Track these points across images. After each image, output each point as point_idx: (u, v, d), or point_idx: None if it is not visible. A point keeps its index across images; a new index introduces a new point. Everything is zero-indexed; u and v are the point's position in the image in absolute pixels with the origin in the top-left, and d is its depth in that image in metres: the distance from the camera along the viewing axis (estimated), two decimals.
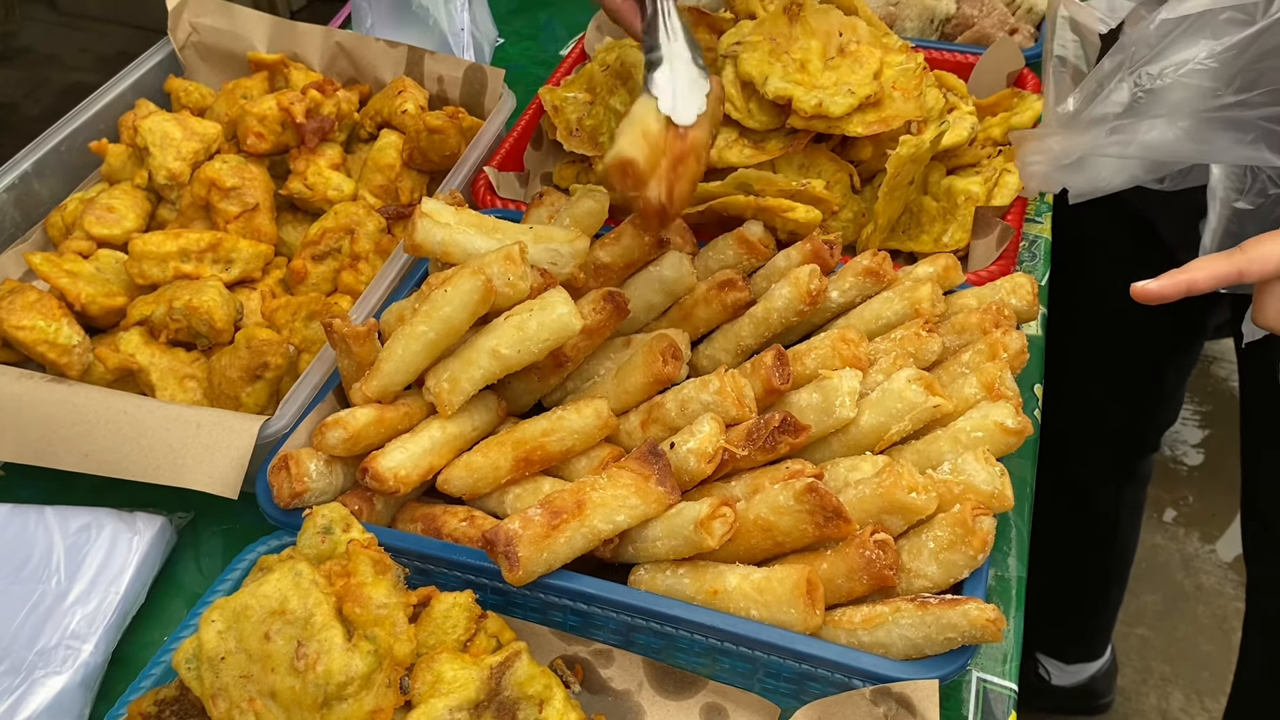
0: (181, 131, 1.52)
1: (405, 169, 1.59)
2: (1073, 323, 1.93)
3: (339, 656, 0.88)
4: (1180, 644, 2.75)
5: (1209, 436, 3.24)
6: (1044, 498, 2.22)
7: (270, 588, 0.91)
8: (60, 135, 1.61)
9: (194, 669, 0.92)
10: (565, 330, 1.10)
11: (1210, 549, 2.96)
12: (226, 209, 1.46)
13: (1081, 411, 2.05)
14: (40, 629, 1.08)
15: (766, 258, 1.32)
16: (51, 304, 1.31)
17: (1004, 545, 1.21)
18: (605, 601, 1.00)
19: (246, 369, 1.26)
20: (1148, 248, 1.64)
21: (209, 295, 1.31)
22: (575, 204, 1.31)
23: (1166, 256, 1.55)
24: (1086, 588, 2.31)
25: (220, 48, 1.79)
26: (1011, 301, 1.23)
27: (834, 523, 0.97)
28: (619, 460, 1.12)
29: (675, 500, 1.03)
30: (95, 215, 1.46)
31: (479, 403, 1.16)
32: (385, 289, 1.34)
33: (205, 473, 1.14)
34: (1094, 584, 2.30)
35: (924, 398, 1.08)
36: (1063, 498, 2.19)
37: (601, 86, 1.60)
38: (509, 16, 2.21)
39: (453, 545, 1.06)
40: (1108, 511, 2.16)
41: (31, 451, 1.19)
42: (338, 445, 1.09)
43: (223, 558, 1.24)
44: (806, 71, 1.46)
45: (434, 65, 1.71)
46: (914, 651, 0.94)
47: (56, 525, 1.16)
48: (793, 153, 1.46)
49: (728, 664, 1.02)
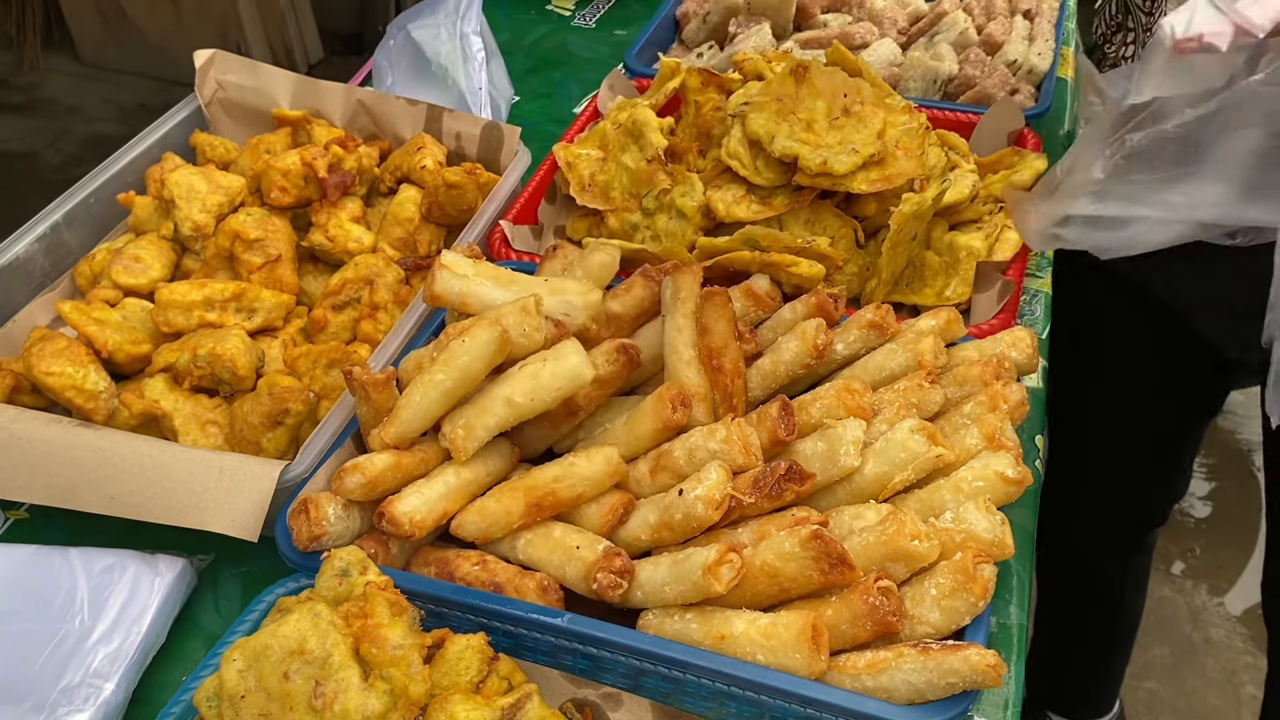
0: (207, 185, 1.57)
1: (424, 222, 1.64)
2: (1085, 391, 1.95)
3: (356, 696, 0.91)
4: (1189, 697, 2.74)
5: (1216, 489, 3.24)
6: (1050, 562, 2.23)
7: (289, 628, 0.94)
8: (89, 188, 1.66)
9: (215, 706, 0.94)
10: (577, 380, 1.14)
11: (1219, 602, 2.96)
12: (250, 260, 1.50)
13: (1090, 487, 2.06)
14: (64, 667, 1.10)
15: (773, 310, 1.36)
16: (79, 351, 1.35)
17: (1005, 593, 1.23)
18: (614, 645, 1.03)
19: (268, 415, 1.30)
20: (1164, 329, 1.67)
21: (232, 343, 1.35)
22: (588, 257, 1.35)
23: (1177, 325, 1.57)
24: (1093, 650, 2.31)
25: (245, 104, 1.85)
26: (1012, 354, 1.26)
27: (839, 569, 1.00)
28: (629, 508, 1.15)
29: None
30: (122, 265, 1.51)
31: (493, 449, 1.19)
32: (403, 338, 1.38)
33: (226, 516, 1.17)
34: (1100, 646, 2.30)
35: (926, 447, 1.11)
36: (1069, 563, 2.20)
37: (613, 144, 1.65)
38: (525, 75, 2.27)
39: (466, 589, 1.09)
40: (1114, 580, 2.16)
41: (58, 494, 1.22)
42: (356, 490, 1.12)
43: (241, 600, 1.27)
44: (812, 131, 1.50)
45: (452, 122, 1.76)
46: (916, 696, 0.96)
47: (81, 566, 1.19)
48: (798, 209, 1.50)
49: (734, 708, 1.04)
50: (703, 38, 2.13)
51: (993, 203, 1.60)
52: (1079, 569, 2.19)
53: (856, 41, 1.99)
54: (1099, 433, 1.97)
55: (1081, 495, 2.05)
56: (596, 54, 2.35)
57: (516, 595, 1.09)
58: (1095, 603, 2.23)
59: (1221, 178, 1.04)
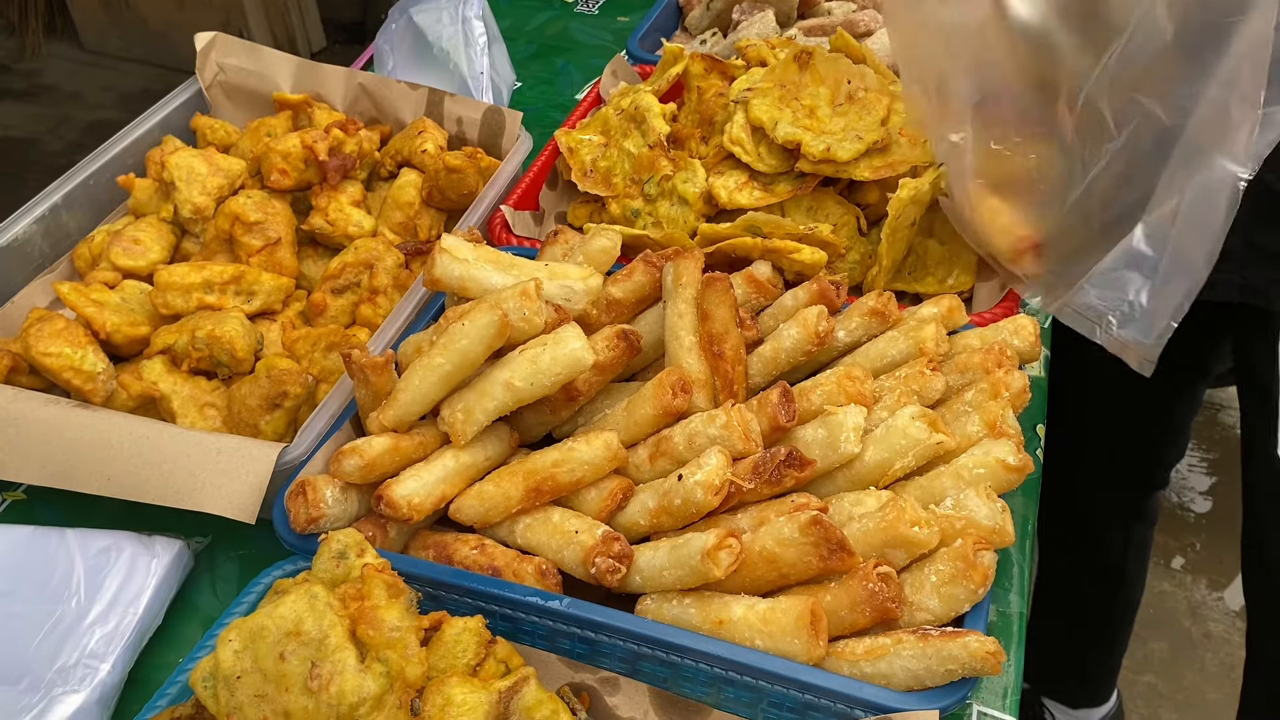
0: (207, 167, 1.57)
1: (424, 207, 1.63)
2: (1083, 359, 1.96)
3: (352, 678, 0.90)
4: (1187, 691, 2.74)
5: (1216, 484, 3.24)
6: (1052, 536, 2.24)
7: (286, 609, 0.94)
8: (89, 170, 1.65)
9: (210, 687, 0.94)
10: (577, 365, 1.13)
11: (1218, 596, 2.96)
12: (249, 243, 1.50)
13: (1090, 446, 2.08)
14: (60, 647, 1.10)
15: (774, 297, 1.35)
16: (78, 332, 1.35)
17: (1005, 581, 1.23)
18: (612, 630, 1.02)
19: (266, 398, 1.29)
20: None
21: (231, 326, 1.35)
22: (589, 242, 1.35)
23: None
24: (1092, 629, 2.31)
25: (246, 87, 1.84)
26: (1014, 342, 1.25)
27: (838, 555, 1.00)
28: (628, 493, 1.15)
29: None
30: (122, 247, 1.51)
31: (492, 433, 1.18)
32: (402, 322, 1.38)
33: (224, 498, 1.17)
34: (1100, 625, 2.29)
35: (927, 434, 1.10)
36: (1071, 534, 2.20)
37: (615, 129, 1.65)
38: (527, 61, 2.27)
39: (464, 572, 1.09)
40: (1116, 549, 2.17)
41: (55, 474, 1.22)
42: (354, 472, 1.12)
43: (238, 583, 1.26)
44: (815, 117, 1.50)
45: (454, 107, 1.76)
46: (915, 683, 0.96)
47: (77, 547, 1.19)
48: (801, 195, 1.49)
49: (732, 693, 1.04)
50: (706, 24, 2.12)
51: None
52: (1079, 537, 2.19)
53: (860, 29, 1.98)
54: (1096, 388, 1.99)
55: (1078, 453, 2.07)
56: (599, 40, 2.35)
57: (515, 579, 1.08)
58: (1096, 575, 2.23)
59: None
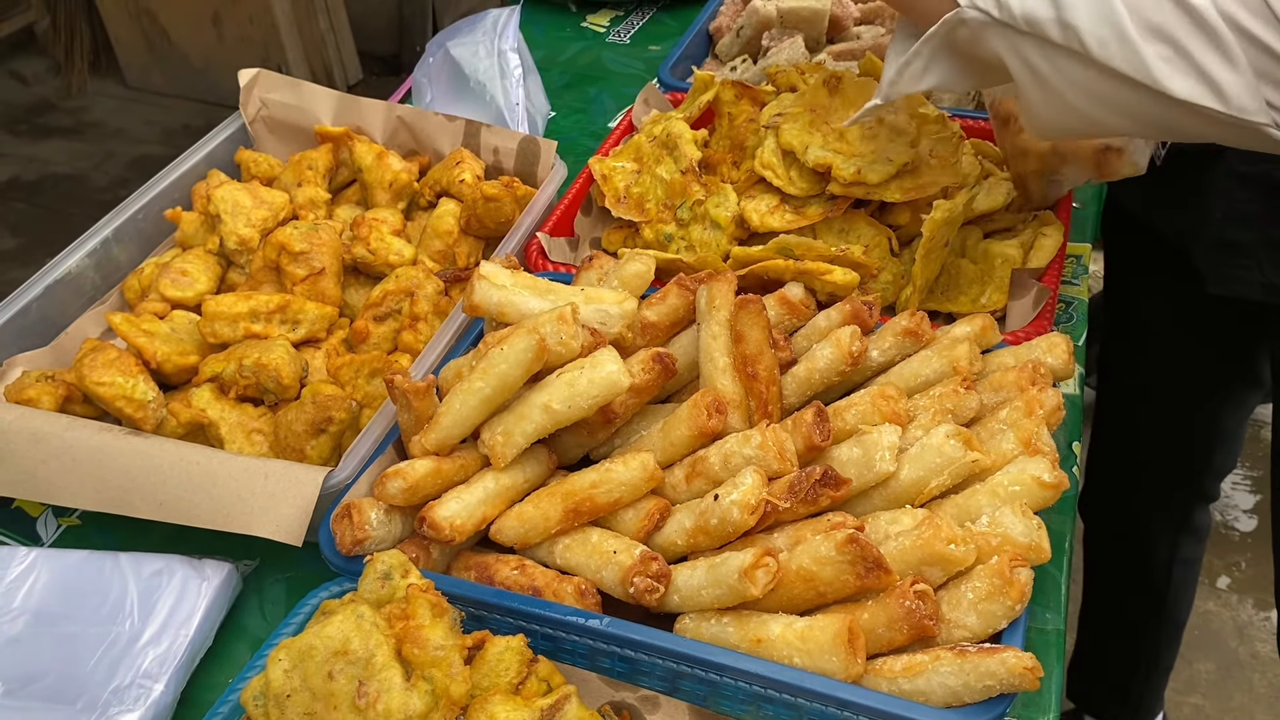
0: (251, 200, 1.61)
1: (462, 235, 1.67)
2: (1130, 365, 1.98)
3: (398, 695, 0.93)
4: (1235, 713, 2.69)
5: (1261, 502, 3.20)
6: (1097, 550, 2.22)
7: (334, 629, 0.96)
8: (138, 204, 1.70)
9: (261, 705, 0.96)
10: (614, 387, 1.15)
11: (1265, 616, 2.91)
12: (294, 271, 1.54)
13: (1139, 455, 2.06)
14: (115, 668, 1.13)
15: (807, 318, 1.36)
16: (129, 362, 1.39)
17: (1042, 598, 1.23)
18: (652, 648, 1.04)
19: (311, 423, 1.32)
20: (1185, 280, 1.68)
21: (277, 354, 1.38)
22: (623, 267, 1.37)
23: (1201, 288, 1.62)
24: (1139, 647, 2.28)
25: (288, 121, 1.89)
26: (1048, 360, 1.26)
27: (875, 573, 1.00)
28: (665, 513, 1.16)
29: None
30: (170, 278, 1.55)
31: (531, 456, 1.20)
32: (443, 348, 1.41)
33: (271, 521, 1.20)
34: (1146, 643, 2.26)
35: (962, 452, 1.11)
36: (1119, 547, 2.18)
37: (648, 156, 1.67)
38: (561, 91, 2.30)
39: (505, 592, 1.10)
40: (1164, 564, 2.14)
41: (109, 500, 1.25)
42: (397, 495, 1.14)
43: (285, 604, 1.29)
44: (845, 140, 1.51)
45: (490, 137, 1.79)
46: (953, 699, 0.96)
47: (130, 571, 1.22)
48: (832, 218, 1.51)
49: (771, 711, 1.05)
50: (736, 51, 2.14)
51: (1028, 210, 1.60)
52: (1126, 551, 2.17)
53: None
54: (1144, 397, 1.99)
55: (1127, 463, 2.06)
56: (631, 69, 2.38)
57: (555, 599, 1.10)
58: (1141, 590, 2.20)
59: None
